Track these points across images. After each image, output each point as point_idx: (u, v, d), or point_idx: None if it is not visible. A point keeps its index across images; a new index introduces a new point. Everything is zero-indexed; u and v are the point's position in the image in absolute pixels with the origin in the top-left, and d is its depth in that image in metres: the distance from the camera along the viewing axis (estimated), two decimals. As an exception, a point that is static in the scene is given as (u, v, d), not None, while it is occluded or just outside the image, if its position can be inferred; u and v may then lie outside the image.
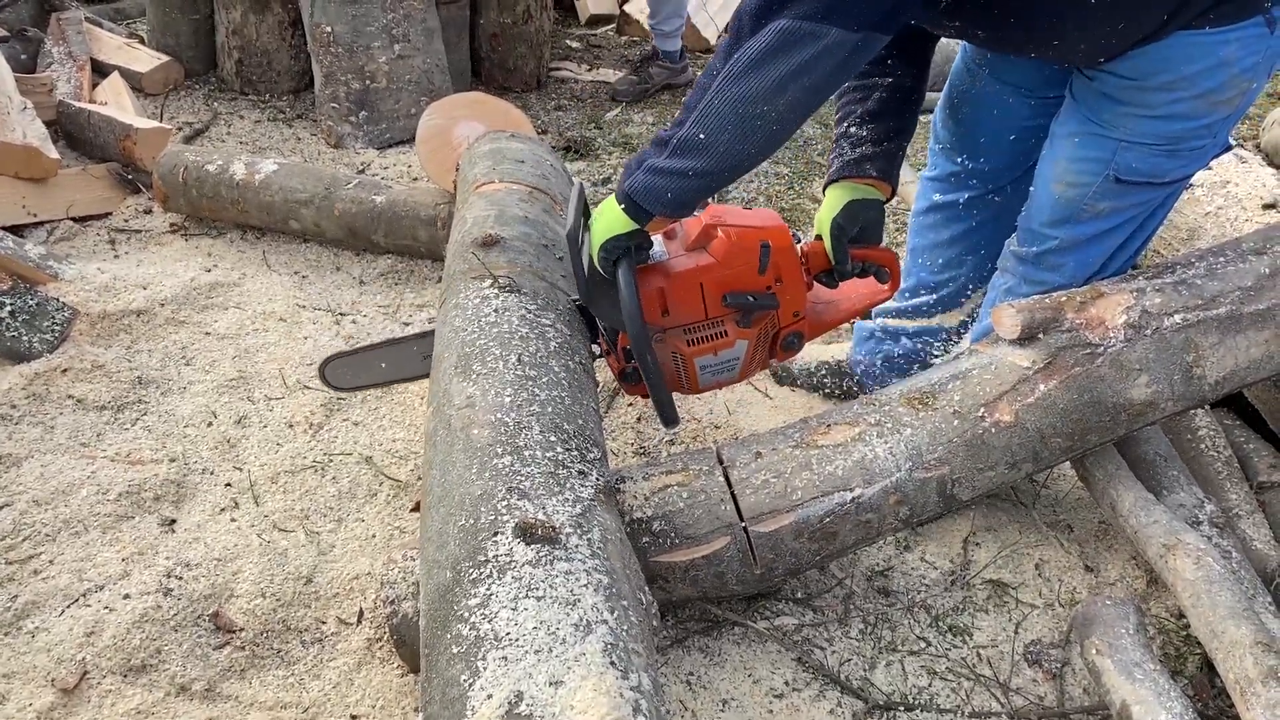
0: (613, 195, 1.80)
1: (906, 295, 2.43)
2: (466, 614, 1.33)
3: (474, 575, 1.38)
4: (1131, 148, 1.75)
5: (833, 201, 2.03)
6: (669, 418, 1.94)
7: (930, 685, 1.91)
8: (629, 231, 1.79)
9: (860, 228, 2.00)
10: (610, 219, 1.79)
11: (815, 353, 2.59)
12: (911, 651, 1.97)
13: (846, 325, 2.78)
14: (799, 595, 2.04)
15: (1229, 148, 1.86)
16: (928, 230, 2.35)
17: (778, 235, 1.94)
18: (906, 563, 2.15)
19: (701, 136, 1.65)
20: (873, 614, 2.03)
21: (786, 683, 1.88)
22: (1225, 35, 1.61)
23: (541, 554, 1.41)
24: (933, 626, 2.02)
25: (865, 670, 1.93)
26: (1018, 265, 2.04)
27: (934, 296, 2.38)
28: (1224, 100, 1.69)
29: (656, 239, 1.95)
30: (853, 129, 2.06)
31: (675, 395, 2.07)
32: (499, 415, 1.67)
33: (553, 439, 1.67)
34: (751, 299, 1.93)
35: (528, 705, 1.19)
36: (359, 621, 1.94)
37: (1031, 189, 1.99)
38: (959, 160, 2.21)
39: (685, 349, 1.96)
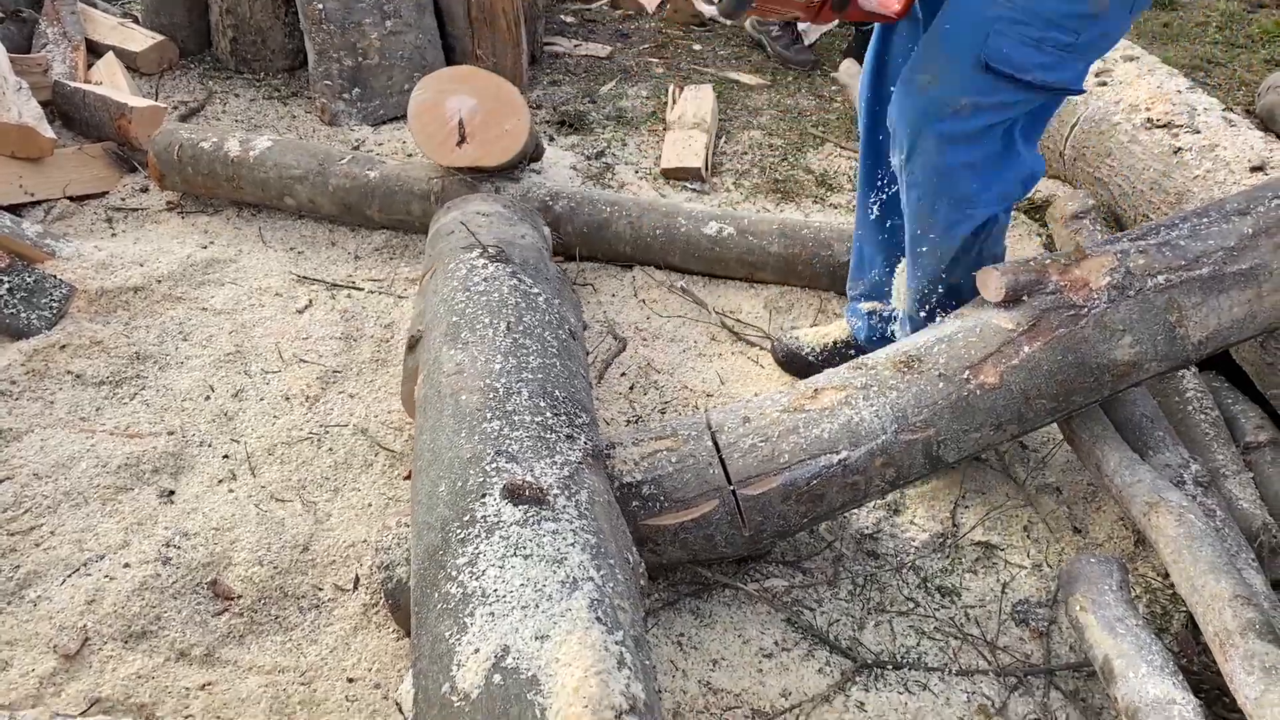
0: None
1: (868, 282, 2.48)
2: (455, 572, 1.36)
3: (462, 535, 1.41)
4: (1003, 33, 1.75)
5: None
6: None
7: (919, 644, 1.94)
8: None
9: None
10: None
11: (815, 337, 2.58)
12: (900, 612, 2.00)
13: (837, 310, 2.79)
14: (789, 558, 2.07)
15: (1081, 91, 1.88)
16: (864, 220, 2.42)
17: None
18: (896, 526, 2.18)
19: None
20: (862, 576, 2.06)
21: (776, 643, 1.91)
22: None
23: (529, 514, 1.44)
24: (921, 588, 2.05)
25: (854, 630, 1.95)
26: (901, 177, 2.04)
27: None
28: None
29: None
30: None
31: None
32: (488, 381, 1.69)
33: (541, 404, 1.69)
34: None
35: (514, 658, 1.22)
36: (355, 588, 1.97)
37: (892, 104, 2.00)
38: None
39: None
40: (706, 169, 3.49)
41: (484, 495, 1.46)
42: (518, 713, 1.15)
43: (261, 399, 2.41)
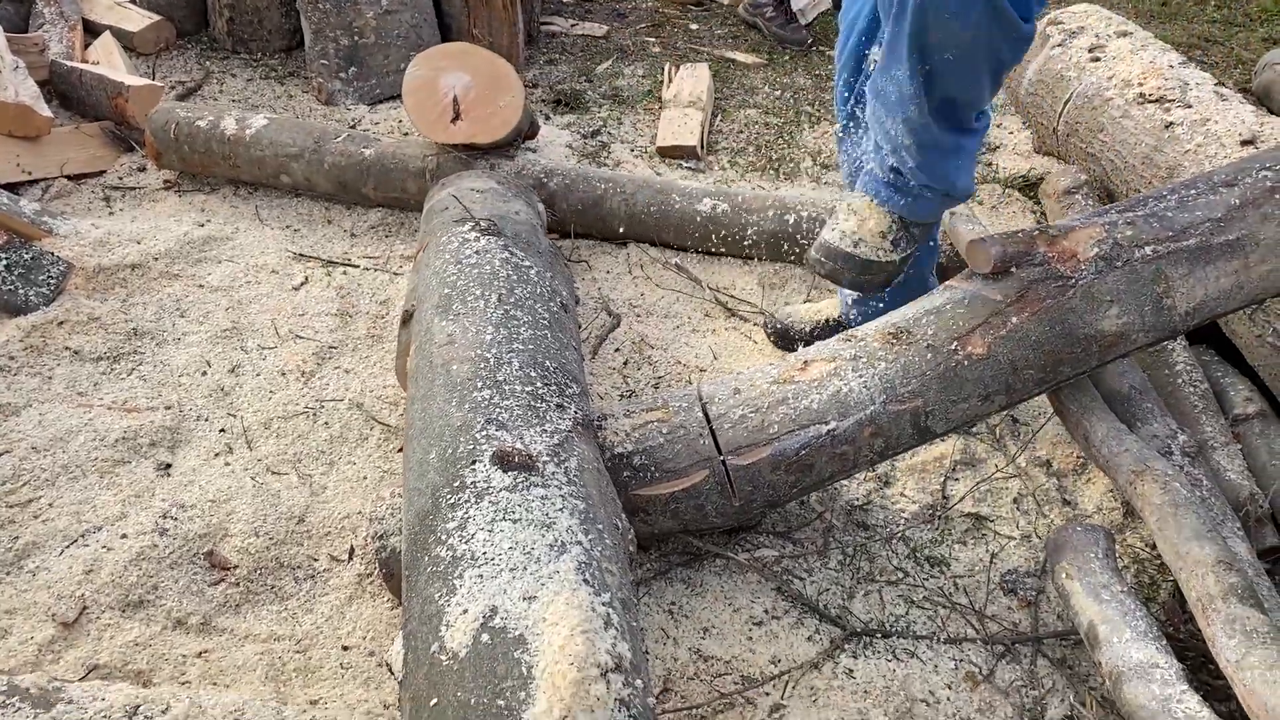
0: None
1: None
2: (445, 536, 1.38)
3: (452, 501, 1.43)
4: None
5: None
6: None
7: (908, 613, 1.96)
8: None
9: None
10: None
11: (808, 313, 2.59)
12: (889, 582, 2.02)
13: (830, 288, 2.79)
14: (779, 528, 2.09)
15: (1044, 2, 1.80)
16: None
17: None
18: (886, 498, 2.20)
19: None
20: (851, 546, 2.08)
21: (766, 611, 1.93)
22: None
23: (518, 480, 1.46)
24: (910, 558, 2.07)
25: (844, 599, 1.98)
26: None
27: None
28: None
29: None
30: None
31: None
32: (479, 351, 1.71)
33: (532, 374, 1.71)
34: None
35: (501, 618, 1.24)
36: (350, 558, 1.99)
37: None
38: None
39: None
40: (702, 147, 3.49)
41: (474, 462, 1.48)
42: (505, 670, 1.17)
43: (258, 374, 2.43)
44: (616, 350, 2.59)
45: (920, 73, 1.83)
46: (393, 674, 1.38)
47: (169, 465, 2.16)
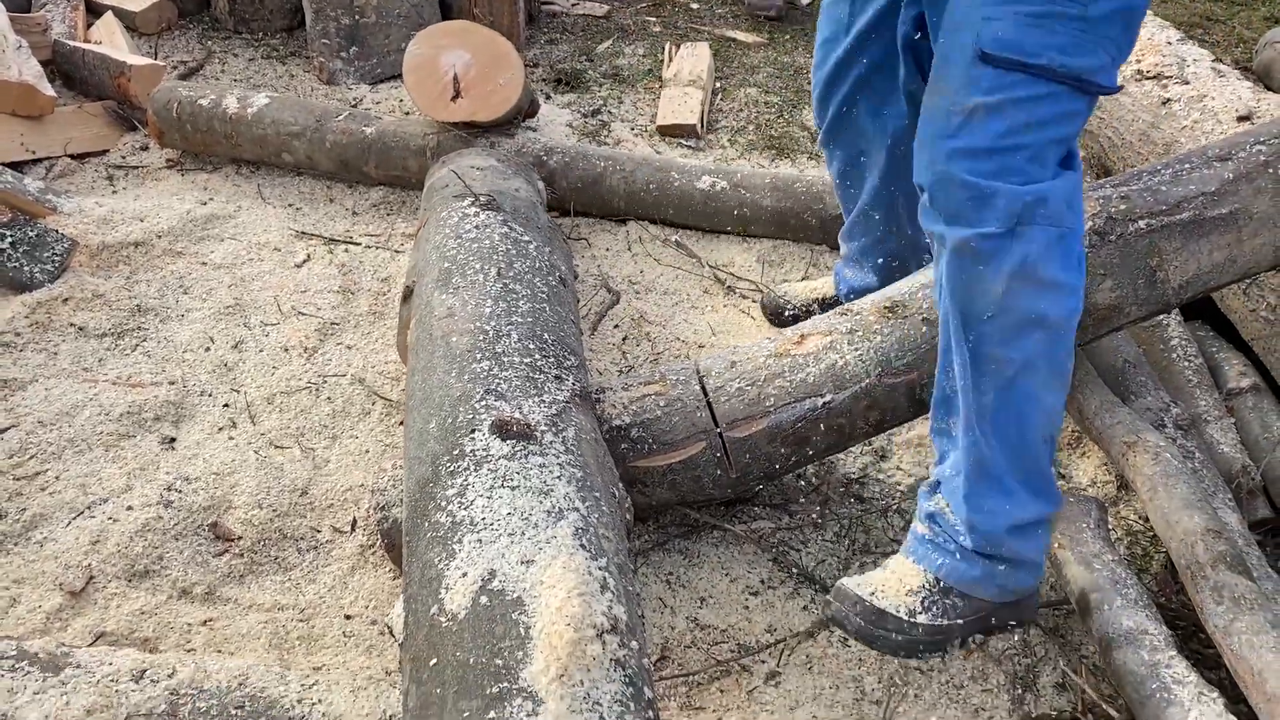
0: None
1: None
2: (444, 503, 1.40)
3: (452, 468, 1.45)
4: (994, 17, 1.48)
5: None
6: None
7: (902, 584, 1.98)
8: None
9: None
10: None
11: (804, 291, 2.60)
12: (885, 553, 2.04)
13: (829, 264, 2.81)
14: (775, 501, 2.12)
15: (1116, 90, 1.57)
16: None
17: None
18: (882, 471, 2.22)
19: None
20: (848, 518, 2.10)
21: (763, 581, 1.96)
22: None
23: (517, 449, 1.48)
24: (906, 530, 2.09)
25: (839, 571, 2.00)
26: (924, 221, 1.69)
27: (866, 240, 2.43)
28: None
29: None
30: None
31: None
32: (478, 324, 1.73)
33: (531, 346, 1.73)
34: None
35: (500, 581, 1.26)
36: (353, 530, 2.02)
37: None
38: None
39: None
40: (702, 126, 3.50)
41: (473, 431, 1.51)
42: (503, 631, 1.20)
43: (261, 350, 2.45)
44: (615, 327, 2.61)
45: (967, 344, 1.61)
46: (393, 636, 1.40)
47: (173, 439, 2.19)
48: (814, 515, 2.10)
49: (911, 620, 1.71)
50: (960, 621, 1.74)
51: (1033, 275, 1.55)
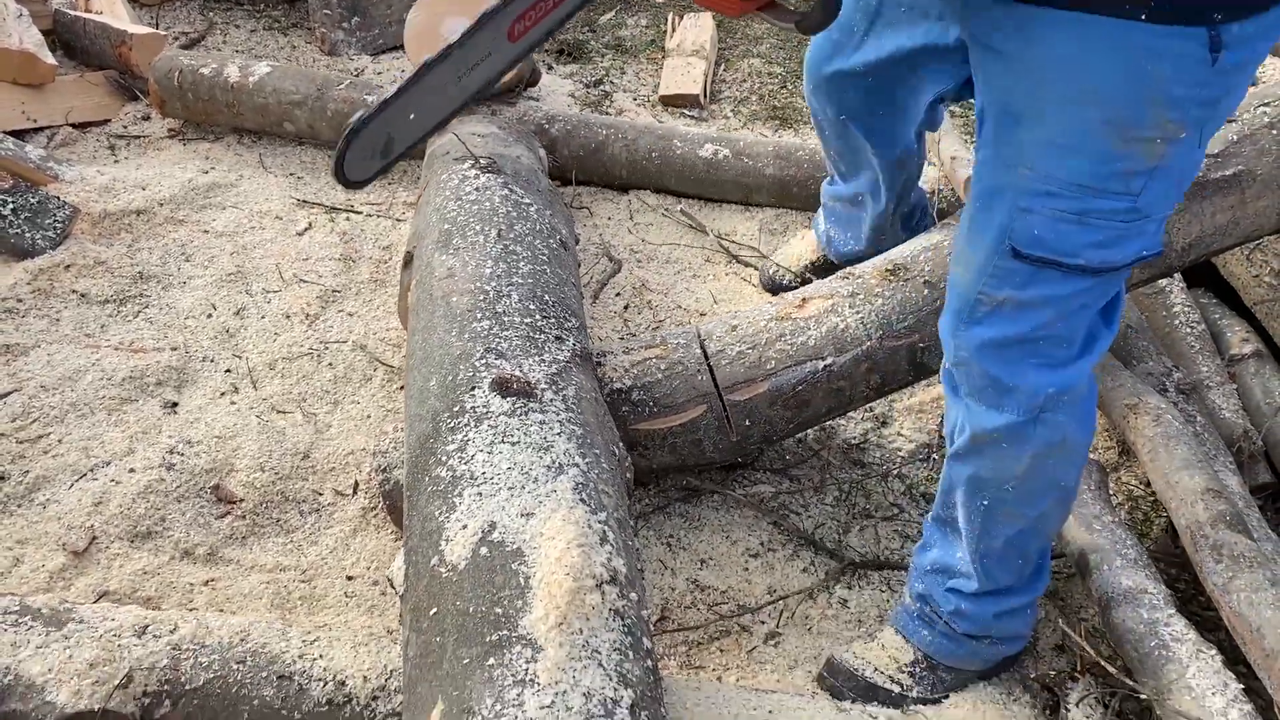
0: None
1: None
2: (445, 458, 1.41)
3: (452, 425, 1.46)
4: (1031, 209, 1.32)
5: None
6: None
7: (902, 547, 1.99)
8: None
9: None
10: None
11: (794, 262, 2.57)
12: (885, 517, 2.05)
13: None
14: (776, 466, 2.12)
15: (1159, 253, 1.40)
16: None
17: None
18: (883, 437, 2.22)
19: None
20: (848, 483, 2.11)
21: (763, 544, 1.96)
22: (1155, 39, 1.16)
23: (517, 406, 1.48)
24: (906, 495, 2.10)
25: (839, 534, 2.01)
26: (945, 391, 1.61)
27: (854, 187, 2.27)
28: (1140, 138, 1.23)
29: None
30: None
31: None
32: (478, 284, 1.73)
33: (531, 307, 1.73)
34: None
35: (500, 533, 1.27)
36: (354, 493, 2.02)
37: None
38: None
39: None
40: (705, 96, 3.49)
41: (473, 388, 1.51)
42: (503, 581, 1.20)
43: (263, 317, 2.45)
44: (617, 295, 2.61)
45: (980, 502, 1.57)
46: (394, 588, 1.41)
47: (175, 404, 2.19)
48: (814, 480, 2.10)
49: (903, 694, 1.71)
50: (950, 690, 1.74)
51: (1056, 451, 1.50)
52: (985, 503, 1.55)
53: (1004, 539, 1.58)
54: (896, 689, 1.70)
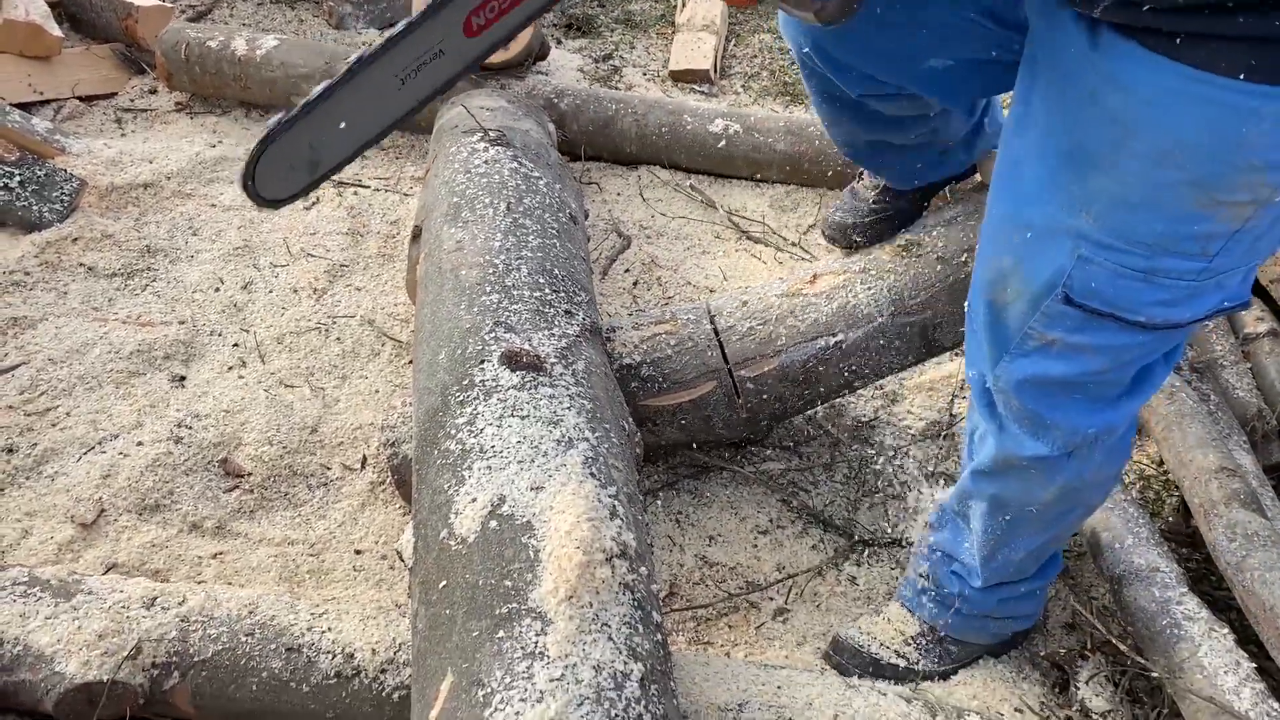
0: None
1: None
2: (454, 431, 1.40)
3: (461, 398, 1.45)
4: (1092, 260, 1.18)
5: None
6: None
7: (911, 525, 1.98)
8: None
9: None
10: None
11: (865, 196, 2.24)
12: (894, 495, 2.04)
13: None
14: (785, 443, 2.11)
15: (1245, 304, 1.25)
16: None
17: None
18: (893, 415, 2.21)
19: None
20: (857, 461, 2.10)
21: (771, 521, 1.95)
22: (1252, 99, 1.02)
23: (526, 379, 1.47)
24: (916, 472, 2.09)
25: (848, 511, 2.00)
26: (977, 407, 1.49)
27: None
28: (1227, 201, 1.09)
29: None
30: None
31: None
32: (488, 258, 1.72)
33: (541, 280, 1.72)
34: None
35: (509, 506, 1.26)
36: (363, 467, 2.02)
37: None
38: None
39: None
40: (715, 71, 3.46)
41: (482, 361, 1.50)
42: (513, 554, 1.19)
43: (270, 291, 2.44)
44: (626, 271, 2.59)
45: (1001, 518, 1.52)
46: (403, 561, 1.40)
47: (183, 377, 2.19)
48: (824, 457, 2.09)
49: (910, 667, 1.69)
50: (957, 664, 1.72)
51: (1089, 481, 1.44)
52: (1007, 518, 1.51)
53: (1023, 550, 1.55)
54: (903, 662, 1.69)
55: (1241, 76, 1.00)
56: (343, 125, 1.31)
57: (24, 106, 2.96)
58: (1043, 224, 1.22)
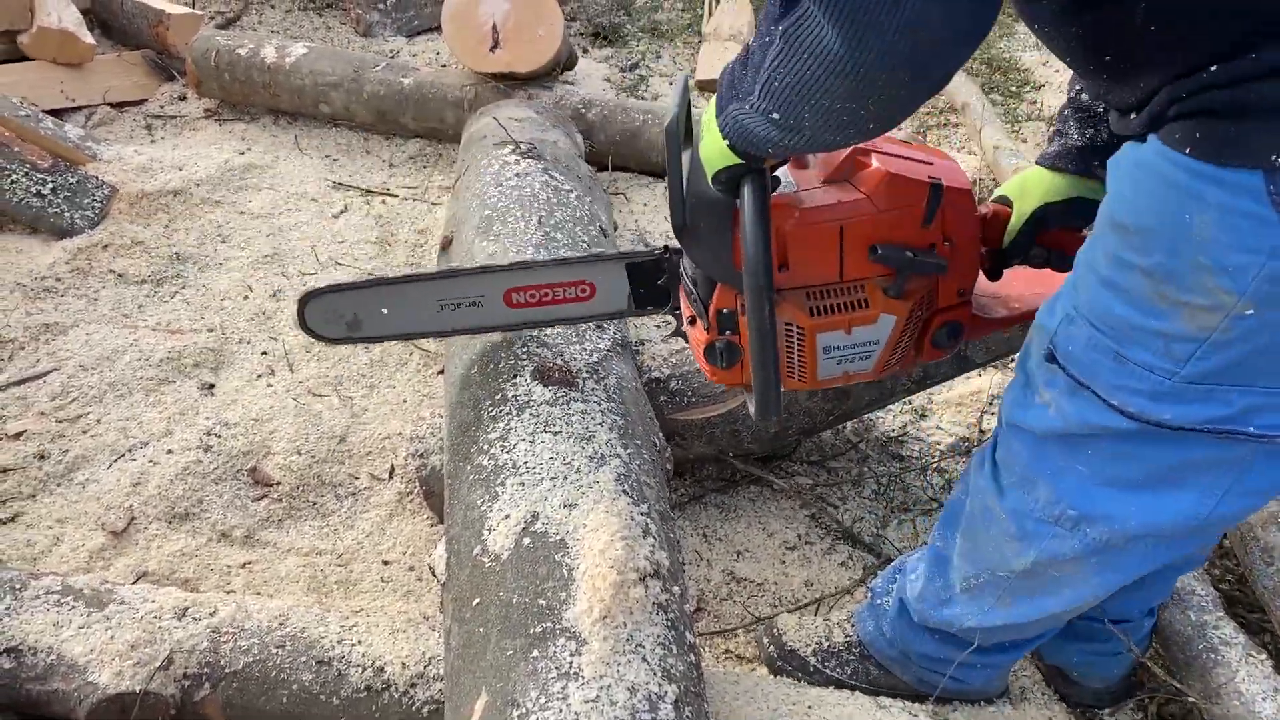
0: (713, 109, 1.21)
1: None
2: (487, 446, 1.40)
3: (494, 413, 1.45)
4: (1074, 322, 1.10)
5: (1053, 186, 1.41)
6: (770, 406, 1.28)
7: (941, 542, 1.97)
8: (739, 164, 1.17)
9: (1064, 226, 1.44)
10: (715, 146, 1.17)
11: None
12: (924, 511, 2.02)
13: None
14: (813, 458, 2.10)
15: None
16: None
17: (952, 175, 1.35)
18: (922, 430, 2.20)
19: (776, 116, 1.04)
20: (886, 476, 2.08)
21: (799, 536, 1.94)
22: (1198, 179, 0.91)
23: (559, 395, 1.47)
24: (945, 489, 2.07)
25: (877, 528, 1.99)
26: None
27: None
28: (1185, 303, 0.96)
29: (783, 169, 1.38)
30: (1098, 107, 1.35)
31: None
32: (519, 270, 1.71)
33: (572, 294, 1.71)
34: (911, 255, 1.30)
35: (543, 523, 1.26)
36: (391, 477, 2.02)
37: None
38: None
39: (806, 320, 1.34)
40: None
41: (515, 376, 1.50)
42: (546, 572, 1.19)
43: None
44: (653, 281, 2.58)
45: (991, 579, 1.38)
46: (435, 576, 1.40)
47: (212, 385, 2.20)
48: (852, 473, 2.08)
49: (818, 669, 1.61)
50: (876, 689, 1.60)
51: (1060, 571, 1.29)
52: (985, 574, 1.37)
53: (961, 598, 1.43)
54: (814, 660, 1.61)
55: (1188, 151, 0.91)
56: (385, 311, 1.56)
57: (56, 113, 2.99)
58: (1073, 274, 1.14)
